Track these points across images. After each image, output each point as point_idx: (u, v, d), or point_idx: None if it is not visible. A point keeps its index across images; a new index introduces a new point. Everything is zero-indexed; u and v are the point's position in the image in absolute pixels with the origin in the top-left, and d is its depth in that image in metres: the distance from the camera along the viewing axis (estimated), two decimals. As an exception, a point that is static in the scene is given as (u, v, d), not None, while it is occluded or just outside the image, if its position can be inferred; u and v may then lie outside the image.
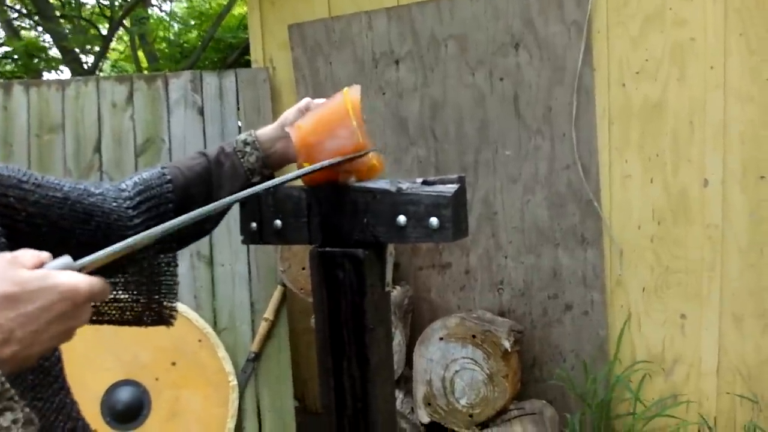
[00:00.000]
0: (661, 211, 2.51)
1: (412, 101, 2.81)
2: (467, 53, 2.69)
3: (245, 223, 1.04)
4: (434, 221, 0.91)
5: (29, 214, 0.81)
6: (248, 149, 1.00)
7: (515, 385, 2.52)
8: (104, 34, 5.99)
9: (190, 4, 6.40)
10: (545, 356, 2.72)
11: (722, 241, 2.42)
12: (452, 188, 0.92)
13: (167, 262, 0.97)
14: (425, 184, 0.95)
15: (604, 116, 2.54)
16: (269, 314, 2.79)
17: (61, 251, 0.75)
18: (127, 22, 5.76)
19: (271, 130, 1.02)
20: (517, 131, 2.66)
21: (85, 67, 5.86)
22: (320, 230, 1.00)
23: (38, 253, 0.62)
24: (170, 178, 0.95)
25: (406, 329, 2.72)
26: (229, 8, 5.52)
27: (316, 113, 0.98)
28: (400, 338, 2.63)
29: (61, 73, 6.30)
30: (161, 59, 5.85)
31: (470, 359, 2.44)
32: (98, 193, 0.90)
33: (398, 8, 2.79)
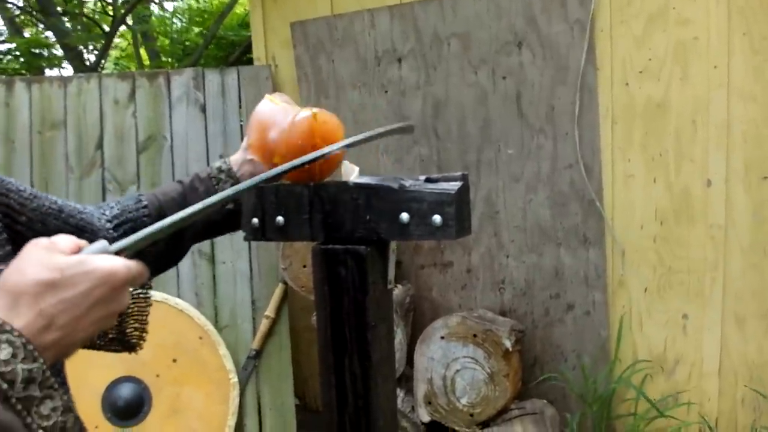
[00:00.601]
0: (663, 210, 2.50)
1: (414, 100, 2.80)
2: (470, 52, 2.69)
3: (247, 219, 1.04)
4: (437, 219, 0.91)
5: (29, 218, 0.82)
6: (223, 176, 1.02)
7: (516, 384, 2.52)
8: (106, 31, 6.00)
9: (191, 2, 6.41)
10: (546, 356, 2.72)
11: (725, 241, 2.41)
12: (456, 185, 0.92)
13: (138, 292, 0.98)
14: (428, 181, 0.95)
15: (607, 115, 2.53)
16: (270, 312, 2.79)
17: None
18: (129, 19, 5.77)
19: (238, 154, 1.05)
20: (519, 130, 2.66)
21: (87, 64, 5.87)
22: (322, 227, 1.00)
23: (74, 238, 0.63)
24: (146, 203, 0.98)
25: (407, 328, 2.72)
26: (231, 6, 5.53)
27: (252, 122, 1.01)
28: (401, 337, 2.63)
29: (63, 69, 6.31)
30: (163, 57, 5.85)
31: (471, 358, 2.43)
32: (87, 211, 0.93)
33: (401, 6, 2.78)
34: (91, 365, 2.50)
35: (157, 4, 6.40)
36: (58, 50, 6.11)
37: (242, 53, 5.29)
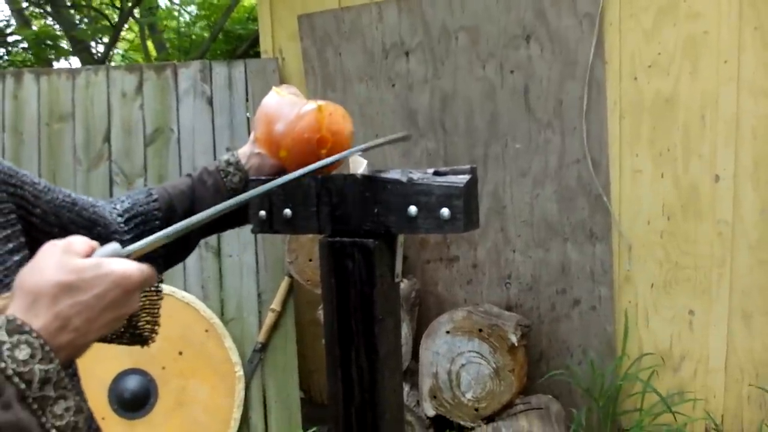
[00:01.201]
0: (671, 206, 2.49)
1: (422, 93, 2.79)
2: (478, 45, 2.67)
3: (255, 212, 1.04)
4: (445, 212, 0.90)
5: (43, 211, 0.83)
6: (231, 169, 1.02)
7: (521, 379, 2.52)
8: (114, 24, 6.00)
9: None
10: (552, 351, 2.71)
11: (732, 237, 2.39)
12: (464, 179, 0.91)
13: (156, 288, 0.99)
14: (437, 174, 0.94)
15: (615, 110, 2.51)
16: (276, 305, 2.80)
17: None
18: (137, 12, 5.77)
19: (246, 147, 1.05)
20: (527, 124, 2.64)
21: (95, 57, 5.88)
22: (330, 220, 1.00)
23: (88, 239, 0.64)
24: (156, 196, 0.98)
25: (412, 322, 2.72)
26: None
27: (259, 115, 1.01)
28: (406, 331, 2.63)
29: (71, 61, 6.33)
30: (170, 50, 5.85)
31: (476, 353, 2.43)
32: (99, 205, 0.93)
33: (409, 0, 2.77)
34: (98, 358, 2.50)
35: (163, 8, 6.41)
36: (66, 42, 6.13)
37: (249, 46, 5.29)
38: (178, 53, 5.87)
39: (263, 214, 1.05)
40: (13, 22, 6.00)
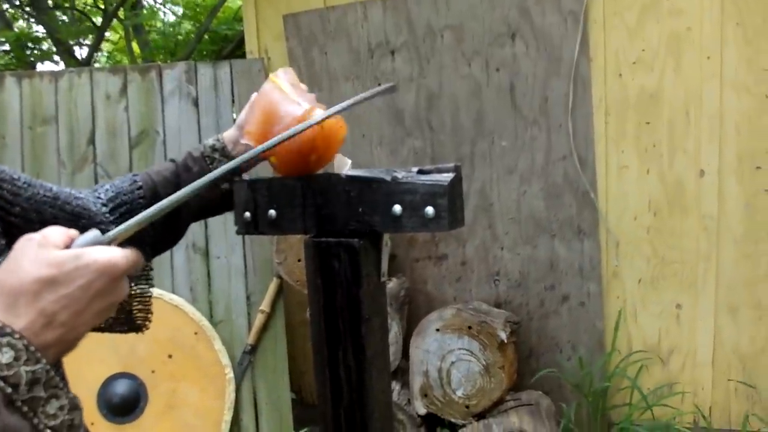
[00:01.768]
0: (657, 202, 2.51)
1: (407, 92, 2.79)
2: (463, 44, 2.68)
3: (239, 213, 1.04)
4: (430, 210, 0.90)
5: (23, 209, 0.80)
6: (217, 156, 1.01)
7: (511, 376, 2.52)
8: (98, 25, 5.95)
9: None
10: (542, 347, 2.72)
11: (718, 231, 2.42)
12: (448, 177, 0.91)
13: (145, 274, 0.98)
14: (421, 173, 0.94)
15: (600, 107, 2.53)
16: (265, 306, 2.78)
17: None
18: (121, 13, 5.72)
19: (231, 133, 1.02)
20: (513, 122, 2.65)
21: (79, 59, 5.82)
22: (315, 220, 0.99)
23: (65, 229, 0.61)
24: (140, 183, 0.96)
25: (402, 321, 2.72)
26: (224, 0, 5.49)
27: (255, 108, 0.98)
28: (396, 330, 2.63)
29: (56, 64, 6.26)
30: (155, 51, 5.81)
31: (466, 350, 2.44)
32: (82, 196, 0.91)
33: (394, -2, 2.77)
34: (86, 361, 2.49)
35: (146, 8, 6.36)
36: (49, 45, 6.06)
37: (236, 47, 5.26)
38: (163, 54, 5.82)
39: (248, 215, 1.04)
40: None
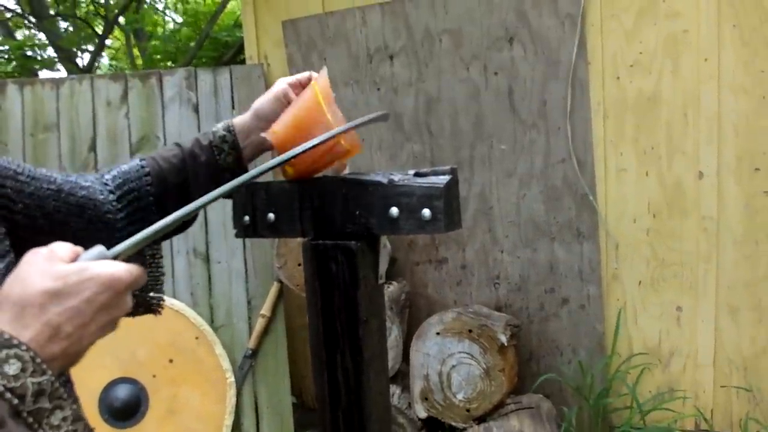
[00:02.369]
0: (656, 204, 2.51)
1: (406, 97, 2.80)
2: (462, 48, 2.69)
3: (238, 216, 1.04)
4: (427, 212, 0.91)
5: (26, 205, 0.80)
6: (226, 147, 0.98)
7: (512, 379, 2.52)
8: (99, 33, 5.98)
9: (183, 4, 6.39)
10: (542, 350, 2.72)
11: (717, 233, 2.42)
12: (444, 179, 0.92)
13: (152, 254, 0.97)
14: (417, 175, 0.95)
15: (598, 110, 2.54)
16: (266, 311, 2.79)
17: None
18: (122, 20, 5.75)
19: (246, 122, 1.00)
20: (512, 125, 2.66)
21: (80, 66, 5.85)
22: (313, 223, 1.00)
23: (70, 245, 0.63)
24: (148, 170, 0.94)
25: (402, 324, 2.73)
26: (224, 6, 5.51)
27: (290, 115, 0.96)
28: (397, 333, 2.63)
29: (58, 71, 6.29)
30: (156, 56, 5.84)
31: (467, 354, 2.44)
32: (87, 185, 0.90)
33: (392, 3, 2.78)
34: (87, 367, 2.49)
35: (147, 5, 6.39)
36: (50, 52, 6.10)
37: (236, 53, 5.28)
38: (164, 60, 5.85)
39: (247, 219, 1.05)
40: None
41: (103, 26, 5.84)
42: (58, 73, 6.27)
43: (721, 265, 2.43)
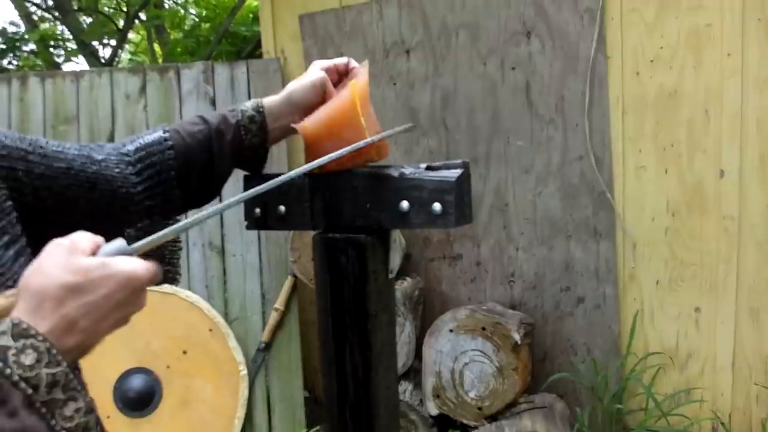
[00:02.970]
0: (675, 202, 2.46)
1: (423, 91, 2.79)
2: (478, 42, 2.66)
3: (250, 209, 1.04)
4: (437, 206, 0.90)
5: (35, 187, 0.79)
6: (254, 128, 0.95)
7: (525, 378, 2.50)
8: (120, 27, 6.05)
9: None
10: (556, 350, 2.69)
11: (739, 233, 2.37)
12: (456, 173, 0.91)
13: (171, 248, 0.97)
14: (429, 169, 0.94)
15: (617, 106, 2.49)
16: (280, 304, 2.80)
17: (66, 221, 0.75)
18: (143, 14, 5.80)
19: (277, 105, 0.97)
20: (529, 121, 2.63)
21: (102, 60, 5.92)
22: (323, 216, 0.99)
23: (92, 236, 0.63)
24: (172, 143, 0.91)
25: (416, 321, 2.72)
26: (243, 0, 5.53)
27: (324, 113, 0.95)
28: (410, 330, 2.62)
29: (78, 63, 6.38)
30: (176, 50, 5.88)
31: (480, 352, 2.42)
32: (101, 160, 0.87)
33: (410, -3, 2.76)
34: (102, 356, 2.52)
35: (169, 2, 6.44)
36: (72, 44, 6.18)
37: (254, 48, 5.30)
38: (183, 54, 5.90)
39: (258, 211, 1.05)
40: (21, 27, 6.06)
41: (124, 21, 5.90)
42: (79, 65, 6.36)
43: (741, 266, 2.38)
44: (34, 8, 6.29)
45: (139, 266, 0.61)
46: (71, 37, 6.05)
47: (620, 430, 2.53)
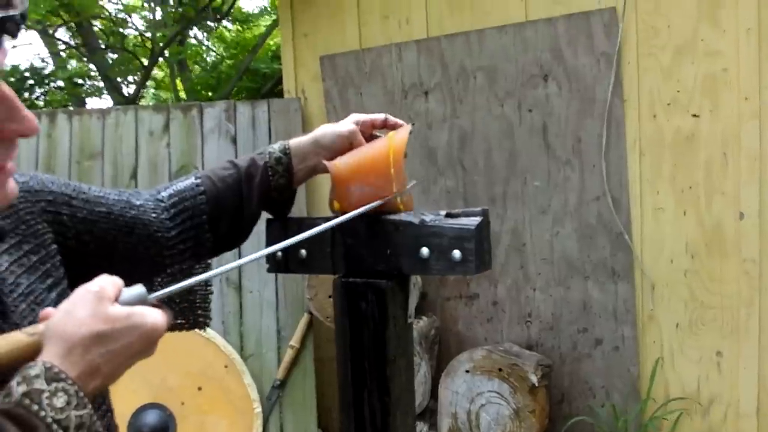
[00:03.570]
0: (694, 244, 2.45)
1: (440, 132, 2.83)
2: (496, 84, 2.71)
3: (271, 252, 1.06)
4: (457, 254, 0.91)
5: (78, 231, 0.84)
6: (280, 169, 0.98)
7: (542, 421, 2.46)
8: (145, 64, 6.24)
9: (224, 33, 6.63)
10: (574, 392, 2.65)
11: (760, 275, 2.34)
12: (475, 221, 0.92)
13: (202, 269, 1.00)
14: (449, 216, 0.95)
15: (634, 148, 2.51)
16: (295, 342, 2.80)
17: (105, 264, 0.78)
18: (167, 52, 5.99)
19: (304, 146, 1.00)
20: (546, 162, 2.65)
21: (126, 95, 6.09)
22: (344, 260, 1.01)
23: (114, 279, 0.67)
24: (204, 189, 0.95)
25: (432, 361, 2.69)
26: (264, 39, 5.69)
27: (356, 157, 0.98)
28: (425, 370, 2.60)
29: (103, 99, 6.56)
30: (197, 86, 6.04)
31: (496, 393, 2.39)
32: (138, 205, 0.91)
33: (428, 40, 2.83)
34: (118, 391, 2.52)
35: (192, 38, 6.65)
36: (98, 81, 6.38)
37: (274, 85, 5.43)
38: (204, 90, 6.05)
39: (279, 254, 1.07)
40: (51, 65, 6.28)
41: (148, 58, 6.10)
42: (105, 101, 6.54)
43: (764, 308, 2.35)
44: (62, 45, 6.52)
45: (160, 321, 0.66)
46: (97, 73, 6.25)
47: (641, 477, 2.47)
